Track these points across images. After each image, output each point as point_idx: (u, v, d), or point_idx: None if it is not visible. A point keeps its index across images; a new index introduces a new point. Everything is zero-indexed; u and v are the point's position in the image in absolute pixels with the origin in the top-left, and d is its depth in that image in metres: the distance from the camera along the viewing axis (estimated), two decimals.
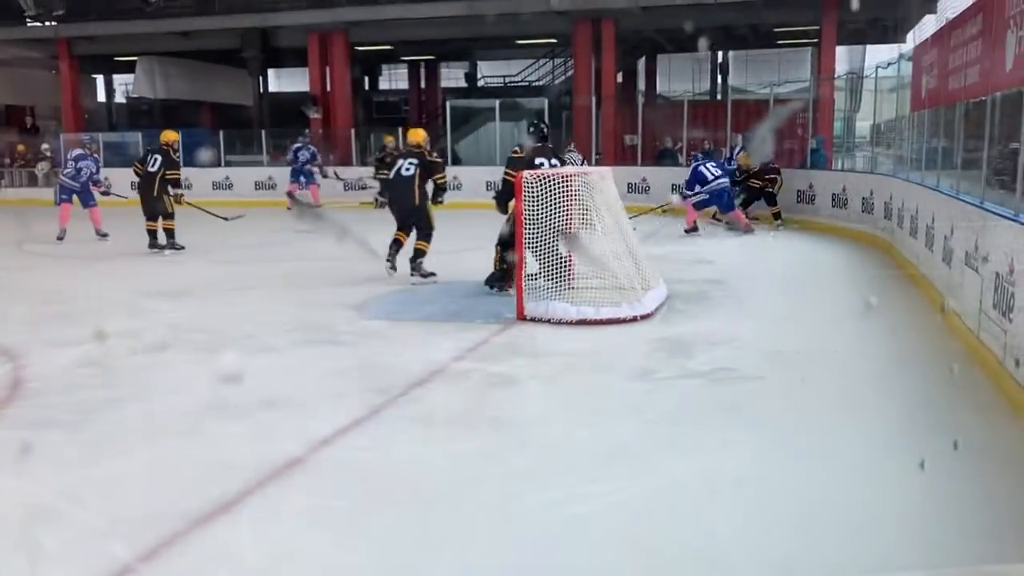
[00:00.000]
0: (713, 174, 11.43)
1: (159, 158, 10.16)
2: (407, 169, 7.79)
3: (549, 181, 6.30)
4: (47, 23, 20.80)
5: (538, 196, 6.24)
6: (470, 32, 18.86)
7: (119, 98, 28.78)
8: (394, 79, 29.12)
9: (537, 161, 6.95)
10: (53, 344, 5.51)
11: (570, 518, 3.00)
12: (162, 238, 10.06)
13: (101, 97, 27.97)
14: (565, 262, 6.54)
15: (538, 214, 6.25)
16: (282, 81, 26.37)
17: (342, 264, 8.28)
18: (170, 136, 10.49)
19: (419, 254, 7.81)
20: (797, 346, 5.45)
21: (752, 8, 15.83)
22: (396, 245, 7.90)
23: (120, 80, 27.90)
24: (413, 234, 7.82)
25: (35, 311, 6.54)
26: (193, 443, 3.79)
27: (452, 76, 27.69)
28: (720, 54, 24.57)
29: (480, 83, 26.18)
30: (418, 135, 8.13)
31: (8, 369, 4.96)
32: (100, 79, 27.41)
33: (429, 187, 7.85)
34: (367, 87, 27.38)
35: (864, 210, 10.63)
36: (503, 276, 6.99)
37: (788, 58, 24.64)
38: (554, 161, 7.09)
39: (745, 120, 15.56)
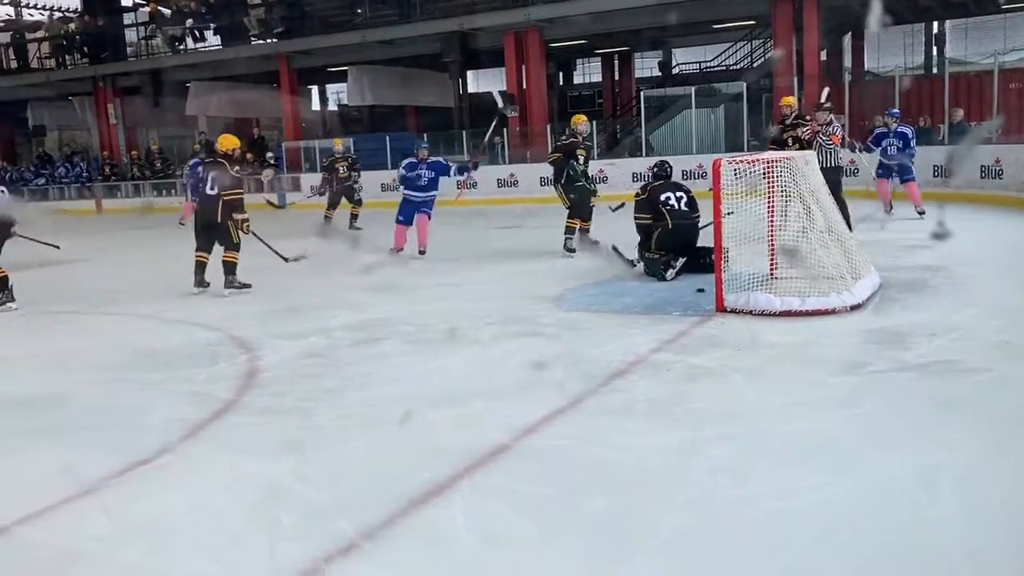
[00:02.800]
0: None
1: (215, 176, 7.75)
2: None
3: (749, 168, 6.14)
4: (268, 40, 22.53)
5: (737, 184, 6.10)
6: (664, 20, 18.60)
7: (331, 106, 30.70)
8: (588, 72, 29.26)
9: (663, 196, 7.61)
10: (282, 337, 6.00)
11: (777, 513, 2.93)
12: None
13: (315, 106, 29.93)
14: (768, 251, 6.35)
15: (737, 202, 6.11)
16: (480, 82, 27.16)
17: (537, 256, 8.46)
18: (231, 142, 7.97)
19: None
20: None
21: None
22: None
23: (332, 89, 29.75)
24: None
25: (266, 307, 7.15)
26: (407, 429, 4.02)
27: (646, 66, 27.46)
28: (936, 24, 22.87)
29: (675, 71, 25.77)
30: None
31: (245, 360, 5.45)
32: (314, 89, 29.34)
33: None
34: (561, 82, 27.65)
35: None
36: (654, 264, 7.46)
37: (1015, 23, 22.56)
38: (679, 194, 7.66)
39: (966, 94, 14.42)
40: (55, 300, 8.33)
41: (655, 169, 8.06)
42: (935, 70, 22.10)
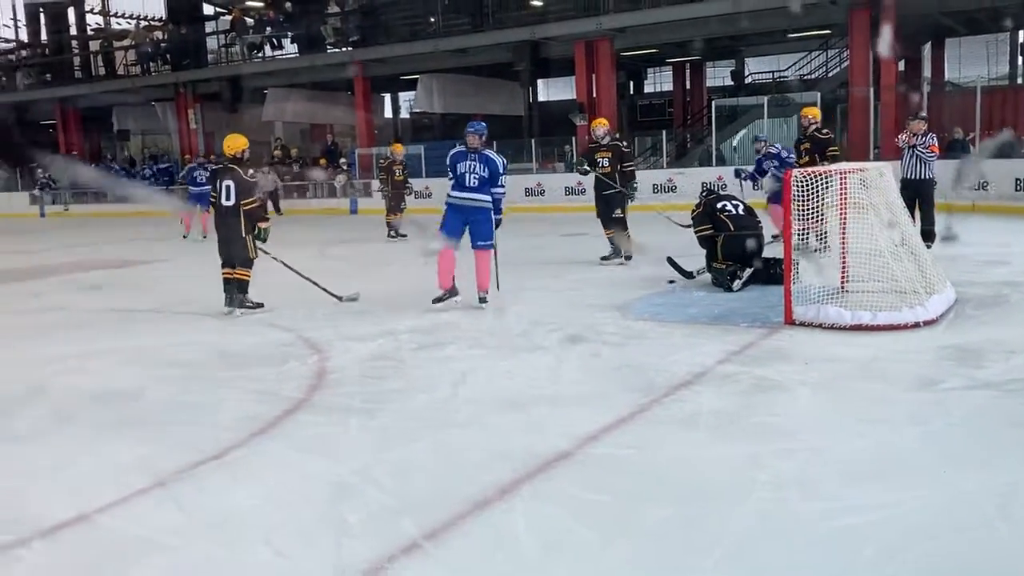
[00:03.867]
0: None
1: (231, 184, 6.97)
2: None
3: (821, 179, 6.05)
4: (344, 49, 22.96)
5: (809, 195, 6.01)
6: (736, 29, 18.41)
7: (403, 113, 31.12)
8: (659, 82, 29.09)
9: (719, 205, 7.75)
10: (351, 339, 6.11)
11: (843, 529, 2.89)
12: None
13: (388, 113, 30.36)
14: (838, 264, 6.25)
15: (808, 213, 6.02)
16: (550, 91, 27.22)
17: (603, 264, 8.43)
18: (238, 144, 7.09)
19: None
20: None
21: None
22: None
23: (405, 97, 30.16)
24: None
25: (336, 309, 7.29)
26: (472, 432, 4.08)
27: (718, 75, 27.19)
28: (1021, 33, 22.16)
29: (747, 80, 25.46)
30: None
31: (315, 360, 5.57)
32: (387, 97, 29.76)
33: None
34: (632, 91, 27.55)
35: None
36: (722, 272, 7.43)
37: None
38: (735, 202, 7.80)
39: None
40: (136, 300, 8.63)
41: (704, 192, 8.43)
42: (1020, 80, 21.41)
